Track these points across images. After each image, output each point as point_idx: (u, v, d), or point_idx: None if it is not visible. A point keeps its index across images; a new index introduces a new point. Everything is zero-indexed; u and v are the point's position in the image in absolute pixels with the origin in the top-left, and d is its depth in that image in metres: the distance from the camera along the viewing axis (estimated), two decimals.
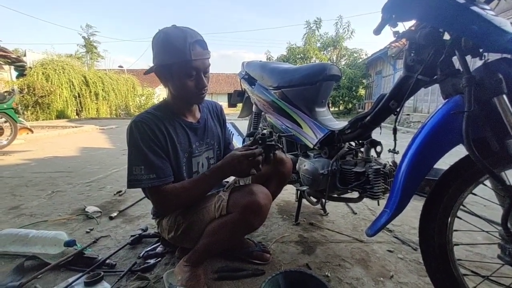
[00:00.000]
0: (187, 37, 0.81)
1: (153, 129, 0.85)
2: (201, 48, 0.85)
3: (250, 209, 0.84)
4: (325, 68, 1.29)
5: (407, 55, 0.87)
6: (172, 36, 0.82)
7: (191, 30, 0.85)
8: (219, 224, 0.88)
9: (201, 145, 1.00)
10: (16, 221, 1.50)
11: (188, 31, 0.83)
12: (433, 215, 0.77)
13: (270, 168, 1.08)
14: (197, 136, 0.99)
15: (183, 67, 0.83)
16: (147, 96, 15.31)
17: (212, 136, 1.05)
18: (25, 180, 2.36)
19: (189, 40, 0.81)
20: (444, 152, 0.71)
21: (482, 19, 0.62)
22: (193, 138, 0.97)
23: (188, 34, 0.82)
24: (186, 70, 0.83)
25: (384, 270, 1.07)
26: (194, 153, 0.97)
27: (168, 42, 0.82)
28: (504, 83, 0.60)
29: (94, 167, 2.81)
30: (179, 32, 0.82)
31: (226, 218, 0.86)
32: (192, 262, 0.94)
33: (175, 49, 0.81)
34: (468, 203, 0.79)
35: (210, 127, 1.05)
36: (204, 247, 0.92)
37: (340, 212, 1.67)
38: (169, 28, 0.85)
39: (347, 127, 1.16)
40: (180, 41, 0.81)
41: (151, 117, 0.87)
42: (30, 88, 9.34)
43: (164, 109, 0.92)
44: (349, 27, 14.15)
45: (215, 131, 1.07)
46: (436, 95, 7.26)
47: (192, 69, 0.83)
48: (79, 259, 1.08)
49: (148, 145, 0.83)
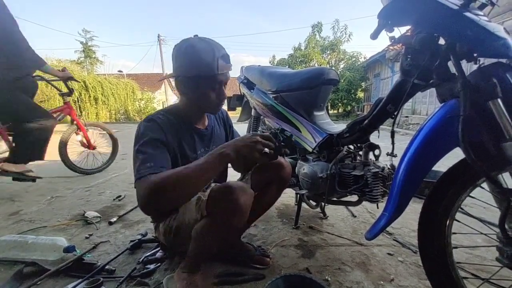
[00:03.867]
0: (214, 51, 0.83)
1: (159, 130, 0.85)
2: (226, 62, 0.86)
3: (228, 209, 0.79)
4: (323, 73, 1.30)
5: (403, 59, 0.88)
6: (200, 49, 0.82)
7: (216, 43, 0.86)
8: (202, 227, 0.85)
9: (207, 151, 1.00)
10: (16, 227, 1.50)
11: (214, 45, 0.85)
12: (431, 218, 0.77)
13: (270, 172, 1.09)
14: (203, 143, 0.99)
15: (209, 80, 0.85)
16: (146, 100, 15.35)
17: (219, 142, 1.05)
18: (25, 186, 2.35)
19: (216, 55, 0.83)
20: (441, 155, 0.72)
21: (476, 25, 0.63)
22: (199, 144, 0.97)
23: (215, 48, 0.84)
24: (212, 84, 0.86)
25: (384, 274, 1.07)
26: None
27: (195, 55, 0.82)
28: (499, 87, 0.61)
29: None
30: (206, 45, 0.83)
31: (207, 220, 0.84)
32: (188, 268, 0.93)
33: (203, 63, 0.82)
34: (467, 205, 0.79)
35: (217, 134, 1.06)
36: (193, 252, 0.91)
37: (339, 215, 1.67)
38: (194, 40, 0.85)
39: (345, 131, 1.16)
40: (208, 54, 0.82)
41: (162, 117, 0.88)
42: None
43: (175, 114, 0.93)
44: (346, 30, 14.26)
45: (221, 138, 1.09)
46: (434, 97, 7.24)
47: (217, 82, 0.86)
48: (79, 265, 1.08)
49: (153, 139, 0.82)
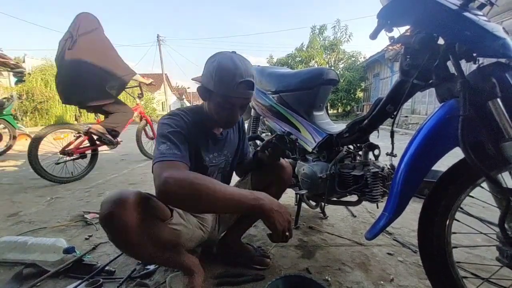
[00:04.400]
0: (236, 75, 0.80)
1: (180, 124, 0.86)
2: (246, 89, 0.84)
3: (105, 220, 0.69)
4: (322, 73, 1.30)
5: (402, 59, 0.88)
6: (224, 69, 0.81)
7: (244, 66, 0.82)
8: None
9: (220, 156, 1.00)
10: (15, 228, 1.50)
11: (241, 68, 0.81)
12: (431, 218, 0.77)
13: (270, 173, 1.09)
14: (216, 147, 0.99)
15: (222, 98, 0.84)
16: (146, 100, 15.32)
17: (230, 148, 1.06)
18: (24, 187, 2.35)
19: (237, 80, 0.80)
20: (441, 155, 0.72)
21: (475, 25, 0.63)
22: (212, 148, 0.97)
23: (239, 72, 0.81)
24: (223, 103, 0.85)
25: (384, 274, 1.07)
26: (212, 162, 0.97)
27: (217, 72, 0.81)
28: (498, 87, 0.61)
29: (93, 173, 2.80)
30: (232, 67, 0.81)
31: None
32: (182, 271, 0.93)
33: (220, 82, 0.81)
34: (466, 204, 0.79)
35: (230, 140, 1.05)
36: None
37: (339, 215, 1.67)
38: (226, 57, 0.83)
39: (345, 131, 1.16)
40: (229, 76, 0.80)
41: (183, 115, 0.89)
42: (29, 94, 9.35)
43: (195, 114, 0.93)
44: (347, 30, 14.28)
45: (234, 144, 1.08)
46: (434, 97, 7.24)
47: (229, 103, 0.85)
48: (78, 266, 1.08)
49: (178, 132, 0.83)
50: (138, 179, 2.61)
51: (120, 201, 0.68)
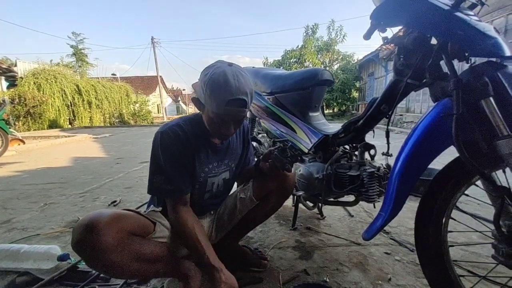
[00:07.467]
0: (226, 93, 0.76)
1: (178, 143, 0.84)
2: (236, 106, 0.79)
3: (76, 247, 0.68)
4: (317, 73, 1.30)
5: (396, 59, 0.89)
6: (214, 84, 0.77)
7: (237, 83, 0.77)
8: None
9: (220, 165, 0.98)
10: (8, 236, 1.47)
11: (232, 86, 0.76)
12: (427, 216, 0.77)
13: (272, 182, 1.05)
14: (217, 156, 0.97)
15: (211, 113, 0.81)
16: (141, 103, 15.25)
17: (232, 157, 1.03)
18: (17, 193, 2.31)
19: (227, 98, 0.76)
20: (436, 154, 0.72)
21: (467, 25, 0.63)
22: (212, 158, 0.95)
23: (230, 89, 0.76)
24: (214, 118, 0.82)
25: (381, 273, 1.07)
26: (211, 173, 0.95)
27: (208, 86, 0.78)
28: (490, 86, 0.62)
29: (88, 177, 2.77)
30: (223, 83, 0.76)
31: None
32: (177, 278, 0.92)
33: (210, 98, 0.78)
34: (462, 202, 0.80)
35: (232, 148, 1.02)
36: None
37: (336, 215, 1.67)
38: (219, 71, 0.78)
39: (340, 131, 1.17)
40: (219, 93, 0.77)
41: (179, 130, 0.86)
42: (22, 98, 9.21)
43: (194, 123, 0.91)
44: (342, 31, 14.40)
45: (236, 152, 1.05)
46: (428, 95, 7.36)
47: (219, 119, 0.82)
48: (73, 274, 1.06)
49: (171, 158, 0.83)
50: (133, 182, 2.58)
51: (91, 226, 0.66)
